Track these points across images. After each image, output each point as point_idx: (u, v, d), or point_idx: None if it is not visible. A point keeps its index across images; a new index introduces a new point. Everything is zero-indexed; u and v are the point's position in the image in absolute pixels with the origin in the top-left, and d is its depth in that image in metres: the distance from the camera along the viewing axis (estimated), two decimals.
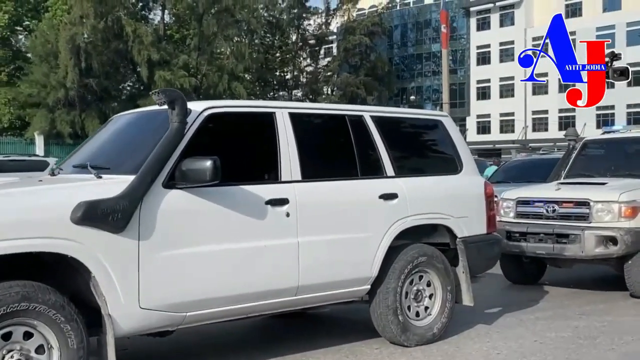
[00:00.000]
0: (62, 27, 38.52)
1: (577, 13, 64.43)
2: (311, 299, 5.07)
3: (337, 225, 5.12)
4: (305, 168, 5.02)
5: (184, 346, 5.73)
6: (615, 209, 7.62)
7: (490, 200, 6.22)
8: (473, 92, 70.44)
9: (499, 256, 6.43)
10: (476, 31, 70.39)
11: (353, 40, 54.46)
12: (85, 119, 39.46)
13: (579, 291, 8.39)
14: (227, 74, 44.73)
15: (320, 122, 5.51)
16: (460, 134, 6.34)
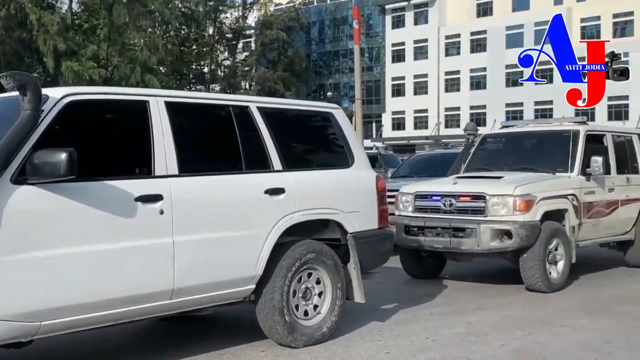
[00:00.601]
0: None
1: (488, 12, 66.17)
2: (190, 302, 4.73)
3: (218, 223, 4.80)
4: (183, 162, 4.68)
5: (50, 355, 5.28)
6: (510, 203, 7.60)
7: (382, 194, 6.03)
8: (388, 89, 71.30)
9: (392, 251, 6.25)
10: (391, 29, 71.22)
11: (270, 35, 54.11)
12: None
13: (478, 285, 8.38)
14: (139, 66, 43.49)
15: (201, 113, 5.14)
16: (352, 127, 6.13)
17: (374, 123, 73.85)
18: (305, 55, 68.10)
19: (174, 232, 4.49)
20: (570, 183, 8.25)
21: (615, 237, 9.20)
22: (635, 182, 9.40)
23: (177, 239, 4.51)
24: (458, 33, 66.58)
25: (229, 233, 4.84)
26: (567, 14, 60.66)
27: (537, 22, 61.88)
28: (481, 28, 65.08)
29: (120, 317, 4.37)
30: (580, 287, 8.16)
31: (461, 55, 66.78)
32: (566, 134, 8.81)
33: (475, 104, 62.21)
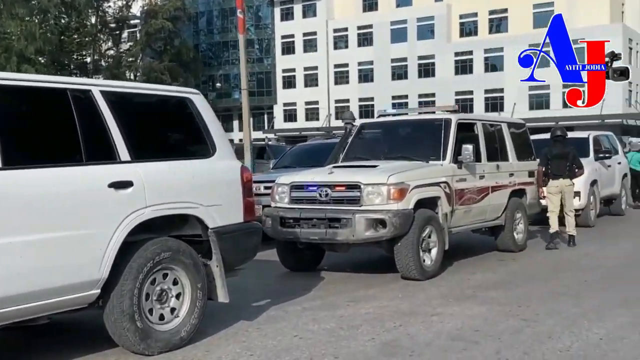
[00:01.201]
0: None
1: (374, 7, 67.06)
2: (16, 312, 4.10)
3: (50, 222, 4.20)
4: (7, 154, 4.05)
5: None
6: (384, 192, 7.38)
7: (248, 186, 5.60)
8: (279, 81, 70.95)
9: (259, 246, 5.83)
10: (280, 21, 70.88)
11: (155, 24, 52.39)
12: None
13: (355, 275, 8.14)
14: (15, 55, 41.02)
15: (29, 98, 4.48)
16: (214, 114, 5.64)
17: (266, 114, 73.36)
18: (194, 45, 66.51)
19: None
20: (443, 171, 8.14)
21: (487, 222, 9.23)
22: (505, 169, 9.47)
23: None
24: (345, 27, 67.14)
25: (64, 233, 4.25)
26: (447, 11, 62.55)
27: (419, 18, 63.41)
28: (367, 22, 65.93)
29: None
30: (454, 273, 8.07)
31: (349, 48, 67.38)
32: (438, 122, 8.70)
33: (363, 96, 62.92)
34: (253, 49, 74.31)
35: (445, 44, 62.08)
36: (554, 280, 7.65)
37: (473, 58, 61.06)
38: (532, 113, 56.06)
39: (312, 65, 68.80)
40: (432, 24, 63.23)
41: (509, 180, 9.54)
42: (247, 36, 79.01)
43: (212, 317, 5.66)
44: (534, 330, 5.44)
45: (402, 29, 64.18)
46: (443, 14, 62.62)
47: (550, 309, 6.16)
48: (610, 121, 50.88)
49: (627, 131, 51.52)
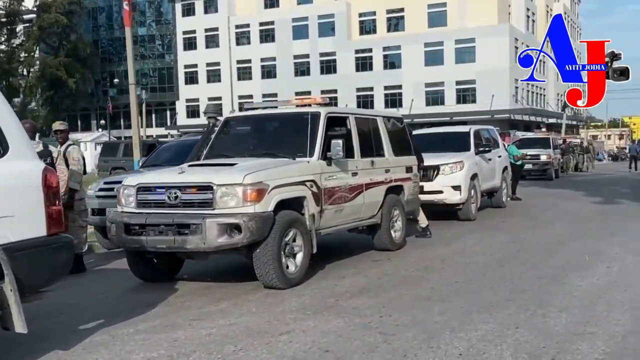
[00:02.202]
0: None
1: (275, 4, 66.21)
2: None
3: None
4: None
5: None
6: (240, 193, 6.46)
7: (54, 192, 4.56)
8: (181, 77, 69.02)
9: (70, 263, 4.79)
10: (182, 17, 68.94)
11: (49, 18, 49.46)
12: None
13: (215, 285, 7.16)
14: None
15: None
16: (8, 108, 4.54)
17: (168, 111, 71.18)
18: (94, 41, 63.45)
19: None
20: (309, 168, 7.31)
21: (362, 221, 8.50)
22: (381, 165, 8.77)
23: None
24: (247, 23, 66.03)
25: None
26: (347, 9, 62.48)
27: (320, 15, 63.07)
28: (269, 19, 65.01)
29: None
30: (322, 278, 7.27)
31: (251, 44, 66.31)
32: (307, 116, 7.86)
33: (267, 92, 61.91)
34: (154, 45, 71.90)
35: (346, 42, 62.04)
36: (424, 282, 6.98)
37: (372, 55, 61.39)
38: (428, 109, 56.87)
39: (214, 61, 67.32)
40: (333, 21, 63.10)
41: (385, 177, 8.85)
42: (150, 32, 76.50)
43: (20, 346, 4.59)
44: (390, 346, 4.70)
45: (304, 26, 63.70)
46: (343, 12, 62.55)
47: (413, 318, 5.45)
48: (499, 116, 52.20)
49: (515, 125, 53.07)
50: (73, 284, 7.31)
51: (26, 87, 48.58)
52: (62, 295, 6.46)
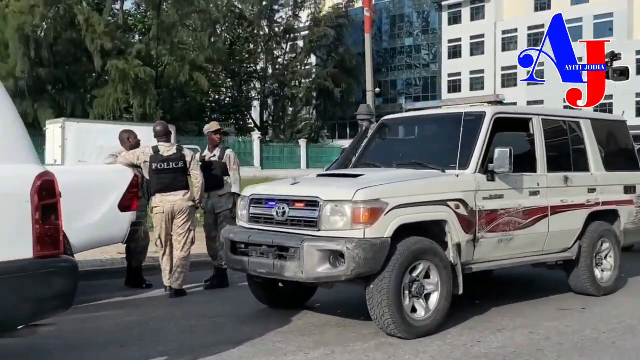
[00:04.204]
0: (12, 15, 35.88)
1: (547, 6, 61.86)
2: None
3: None
4: None
5: None
6: (348, 212, 5.00)
7: (50, 203, 3.61)
8: (444, 85, 67.80)
9: (73, 292, 3.80)
10: (448, 25, 67.81)
11: (319, 32, 51.84)
12: (39, 109, 36.82)
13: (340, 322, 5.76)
14: (188, 64, 42.11)
15: None
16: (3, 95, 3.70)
17: None
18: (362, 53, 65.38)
19: None
20: (456, 184, 5.53)
21: (547, 256, 6.39)
22: (580, 183, 6.56)
23: None
24: (515, 28, 62.52)
25: None
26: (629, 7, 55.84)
27: (596, 15, 57.23)
28: (539, 22, 60.65)
29: None
30: (467, 329, 5.44)
31: (518, 50, 62.46)
32: (469, 117, 6.05)
33: (532, 99, 57.78)
34: (419, 55, 71.87)
35: (627, 42, 55.18)
36: (612, 352, 4.78)
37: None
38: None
39: (478, 69, 64.93)
40: (611, 20, 56.74)
41: (588, 198, 6.60)
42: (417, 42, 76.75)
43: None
44: None
45: (577, 27, 58.13)
46: (623, 10, 55.82)
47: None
48: None
49: None
50: (199, 302, 6.69)
51: (297, 97, 51.46)
52: (175, 309, 5.99)
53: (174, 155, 6.75)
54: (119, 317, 6.03)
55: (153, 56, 41.24)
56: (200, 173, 6.95)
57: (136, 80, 37.66)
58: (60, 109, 36.81)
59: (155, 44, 41.12)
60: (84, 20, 37.29)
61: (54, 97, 38.25)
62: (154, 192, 6.78)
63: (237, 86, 51.99)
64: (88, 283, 7.85)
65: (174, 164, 6.70)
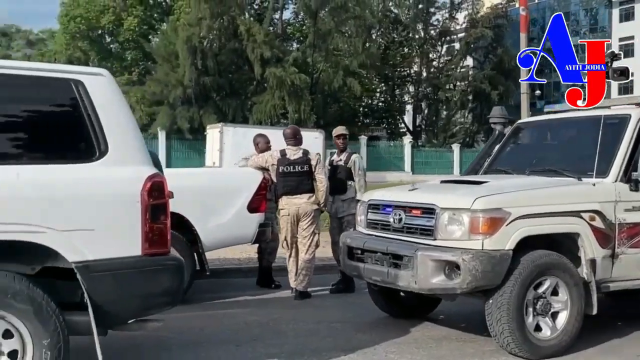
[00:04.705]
0: (181, 28, 38.56)
1: None
2: None
3: None
4: None
5: None
6: (466, 221, 4.71)
7: (156, 204, 3.72)
8: (615, 87, 63.05)
9: (179, 290, 3.89)
10: (619, 22, 63.17)
11: (475, 33, 50.33)
12: (203, 115, 39.24)
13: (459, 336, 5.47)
14: (342, 70, 42.79)
15: None
16: (121, 103, 3.88)
17: None
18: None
19: None
20: (593, 194, 5.02)
21: None
22: None
23: None
24: None
25: None
26: None
27: None
28: None
29: None
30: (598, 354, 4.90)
31: None
32: (610, 121, 5.49)
33: None
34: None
35: None
36: None
37: None
38: None
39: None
40: None
41: None
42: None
43: None
44: None
45: None
46: None
47: None
48: None
49: None
50: (322, 305, 6.73)
51: (452, 100, 50.27)
52: (297, 312, 6.18)
53: (300, 158, 6.79)
54: (242, 316, 6.16)
55: (309, 63, 42.33)
56: (325, 177, 6.93)
57: (292, 86, 38.88)
58: (222, 115, 38.92)
59: (311, 51, 42.19)
60: (246, 31, 39.10)
61: (217, 104, 40.49)
62: (280, 194, 6.86)
63: (390, 90, 51.87)
64: (225, 280, 8.18)
65: (300, 167, 6.75)
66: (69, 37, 42.21)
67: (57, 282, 3.65)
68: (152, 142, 37.27)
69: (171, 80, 38.26)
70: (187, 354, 4.86)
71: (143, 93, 40.19)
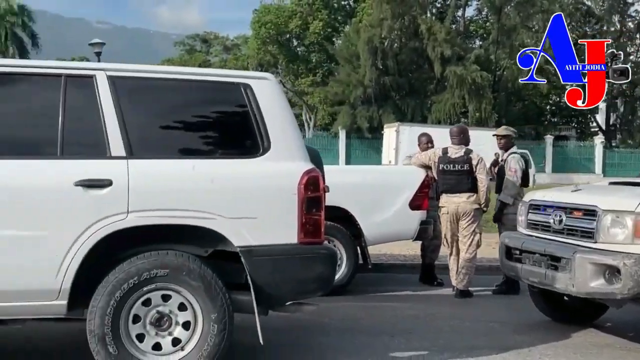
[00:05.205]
0: (363, 29, 39.47)
1: None
2: None
3: None
4: None
5: None
6: (630, 224, 4.49)
7: (312, 197, 4.03)
8: None
9: (331, 278, 4.16)
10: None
11: None
12: (382, 114, 39.88)
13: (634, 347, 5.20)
14: None
15: (12, 84, 3.95)
16: (284, 104, 4.23)
17: None
18: None
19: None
20: None
21: None
22: None
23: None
24: None
25: (9, 232, 3.70)
26: None
27: None
28: None
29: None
30: None
31: None
32: None
33: None
34: None
35: None
36: None
37: None
38: None
39: None
40: None
41: None
42: None
43: None
44: None
45: None
46: None
47: None
48: None
49: None
50: (482, 305, 6.77)
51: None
52: (456, 309, 6.28)
53: (461, 157, 6.80)
54: (401, 310, 6.34)
55: (491, 60, 41.24)
56: (486, 177, 6.89)
57: (473, 84, 38.14)
58: (401, 114, 39.25)
59: (494, 48, 41.06)
60: (426, 29, 39.03)
61: (396, 103, 40.88)
62: (440, 192, 6.94)
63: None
64: (389, 275, 8.42)
65: (459, 166, 6.76)
66: (260, 42, 45.00)
67: (225, 264, 4.09)
68: (333, 140, 38.73)
69: (352, 80, 39.32)
70: (344, 340, 5.15)
71: (326, 93, 41.75)
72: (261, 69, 45.32)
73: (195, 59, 54.52)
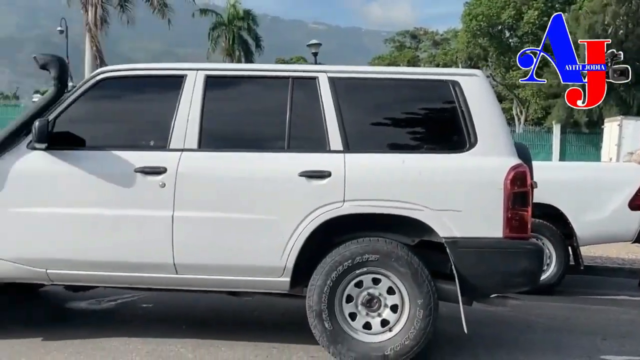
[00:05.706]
0: (583, 16, 37.11)
1: None
2: (201, 281, 4.36)
3: (230, 203, 4.27)
4: (205, 136, 4.37)
5: None
6: None
7: (518, 192, 4.09)
8: None
9: (537, 273, 4.15)
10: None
11: None
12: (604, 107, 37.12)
13: None
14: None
15: (240, 87, 4.55)
16: (491, 100, 4.32)
17: None
18: None
19: (175, 206, 4.27)
20: None
21: None
22: None
23: (178, 214, 4.26)
24: None
25: (242, 215, 4.25)
26: None
27: None
28: None
29: (128, 281, 4.42)
30: None
31: None
32: None
33: None
34: None
35: None
36: None
37: None
38: None
39: None
40: None
41: None
42: None
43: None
44: None
45: None
46: None
47: None
48: None
49: None
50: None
51: None
52: None
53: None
54: (614, 313, 6.08)
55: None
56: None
57: None
58: (626, 107, 36.26)
59: None
60: None
61: (620, 95, 37.80)
62: None
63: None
64: (603, 278, 8.07)
65: None
66: (470, 35, 44.29)
67: (431, 253, 4.30)
68: (545, 135, 36.87)
69: None
70: (549, 338, 5.09)
71: (539, 86, 39.88)
72: (470, 63, 44.63)
73: (404, 56, 55.15)
